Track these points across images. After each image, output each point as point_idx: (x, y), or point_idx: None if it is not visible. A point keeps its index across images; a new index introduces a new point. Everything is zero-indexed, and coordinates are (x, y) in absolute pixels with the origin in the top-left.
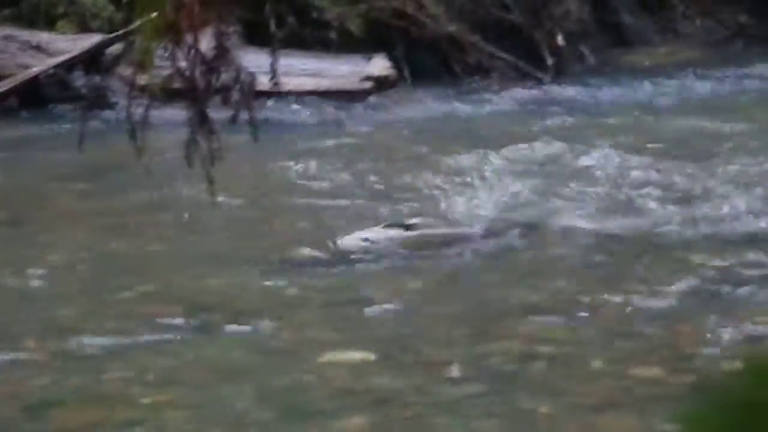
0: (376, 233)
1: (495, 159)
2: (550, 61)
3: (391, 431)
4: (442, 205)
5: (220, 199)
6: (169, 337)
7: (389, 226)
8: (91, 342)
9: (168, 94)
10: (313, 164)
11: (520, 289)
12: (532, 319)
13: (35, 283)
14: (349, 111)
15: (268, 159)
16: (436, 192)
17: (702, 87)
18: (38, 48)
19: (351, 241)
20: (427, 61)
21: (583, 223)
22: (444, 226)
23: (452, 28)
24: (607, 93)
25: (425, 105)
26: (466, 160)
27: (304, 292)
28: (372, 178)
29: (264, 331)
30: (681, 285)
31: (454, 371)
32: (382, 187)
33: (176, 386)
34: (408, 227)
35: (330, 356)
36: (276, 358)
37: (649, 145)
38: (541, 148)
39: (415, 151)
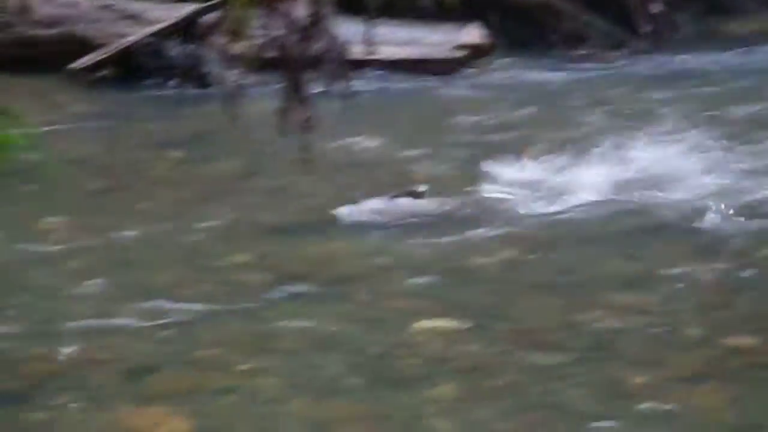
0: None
1: (600, 128)
2: (645, 29)
3: (482, 399)
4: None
5: (312, 166)
6: (263, 305)
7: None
8: (187, 309)
9: (262, 63)
10: (404, 132)
11: (614, 259)
12: (626, 289)
13: (132, 250)
14: (442, 79)
15: (360, 127)
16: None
17: None
18: (133, 17)
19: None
20: (521, 30)
21: (681, 194)
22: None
23: None
24: (713, 59)
25: (519, 73)
26: (563, 129)
27: (397, 260)
28: (464, 146)
29: (356, 299)
30: None
31: (547, 340)
32: (476, 152)
33: (269, 354)
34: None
35: (422, 324)
36: (368, 326)
37: None
38: (643, 116)
39: (510, 120)
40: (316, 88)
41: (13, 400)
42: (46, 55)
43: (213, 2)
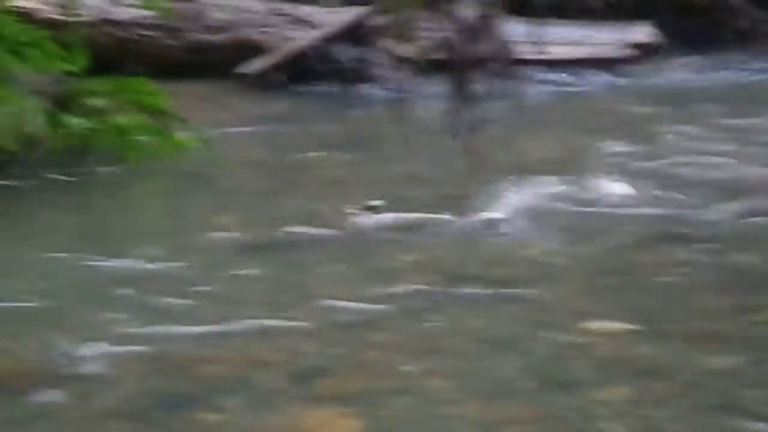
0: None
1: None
2: None
3: (655, 401)
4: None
5: (479, 167)
6: (431, 306)
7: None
8: (356, 310)
9: (430, 65)
10: (573, 132)
11: None
12: None
13: (302, 250)
14: (610, 78)
15: (529, 129)
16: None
17: None
18: (303, 21)
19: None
20: (692, 28)
21: None
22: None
23: None
24: None
25: (690, 72)
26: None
27: (567, 261)
28: (636, 147)
29: (526, 300)
30: None
31: (720, 341)
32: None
33: (439, 355)
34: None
35: (594, 326)
36: (539, 328)
37: None
38: None
39: (684, 118)
40: (484, 89)
41: (187, 402)
42: (217, 60)
43: (381, 5)
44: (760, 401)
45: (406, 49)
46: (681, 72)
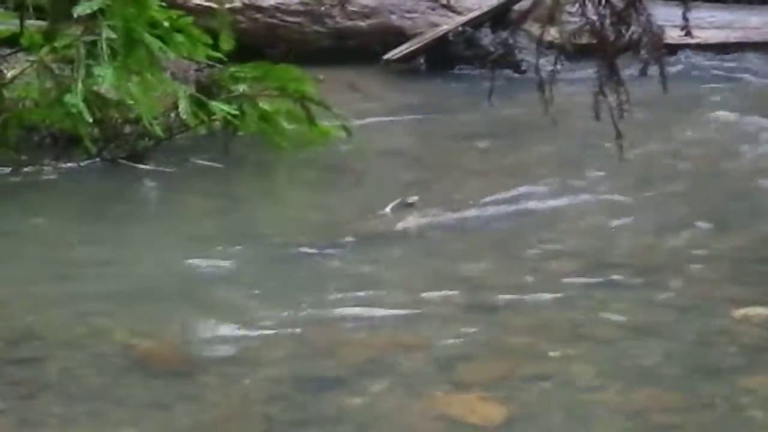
0: None
1: None
2: None
3: None
4: None
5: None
6: (574, 293)
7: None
8: (497, 296)
9: (576, 49)
10: (715, 118)
11: None
12: None
13: (439, 238)
14: (762, 63)
15: (677, 113)
16: None
17: None
18: (447, 7)
19: None
20: None
21: None
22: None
23: None
24: None
25: None
26: None
27: (708, 249)
28: None
29: (671, 287)
30: None
31: None
32: None
33: (583, 341)
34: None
35: (740, 312)
36: (684, 315)
37: None
38: None
39: None
40: (632, 73)
41: (335, 384)
42: (362, 46)
43: None
44: None
45: (552, 33)
46: None
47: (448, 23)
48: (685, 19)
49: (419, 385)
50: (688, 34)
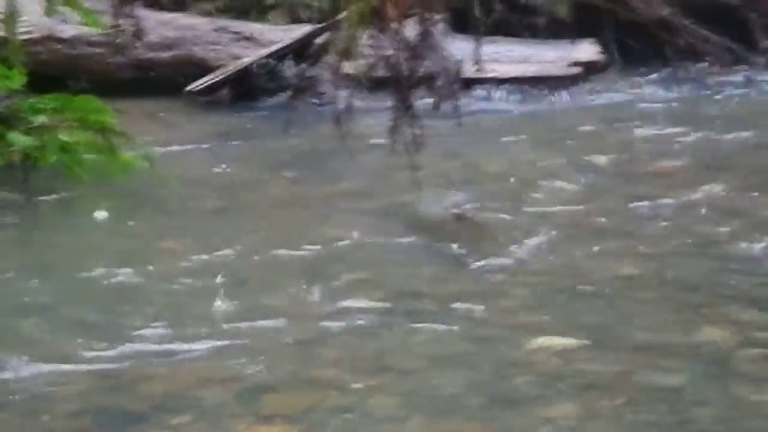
0: None
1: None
2: (766, 45)
3: (601, 418)
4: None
5: (421, 184)
6: (377, 323)
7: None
8: (303, 328)
9: (373, 82)
10: (520, 151)
11: (732, 275)
12: (747, 306)
13: (247, 269)
14: (556, 97)
15: (471, 146)
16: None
17: None
18: (250, 39)
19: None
20: (636, 46)
21: None
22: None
23: (664, 11)
24: None
25: (635, 90)
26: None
27: (511, 278)
28: (585, 163)
29: (472, 317)
30: None
31: (666, 358)
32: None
33: (386, 372)
34: None
35: (539, 342)
36: (484, 344)
37: None
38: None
39: (626, 136)
40: (426, 107)
41: (134, 420)
42: (164, 78)
43: (326, 23)
44: (706, 419)
45: (350, 66)
46: (619, 90)
47: (251, 55)
48: (478, 54)
49: (222, 417)
50: (483, 69)
